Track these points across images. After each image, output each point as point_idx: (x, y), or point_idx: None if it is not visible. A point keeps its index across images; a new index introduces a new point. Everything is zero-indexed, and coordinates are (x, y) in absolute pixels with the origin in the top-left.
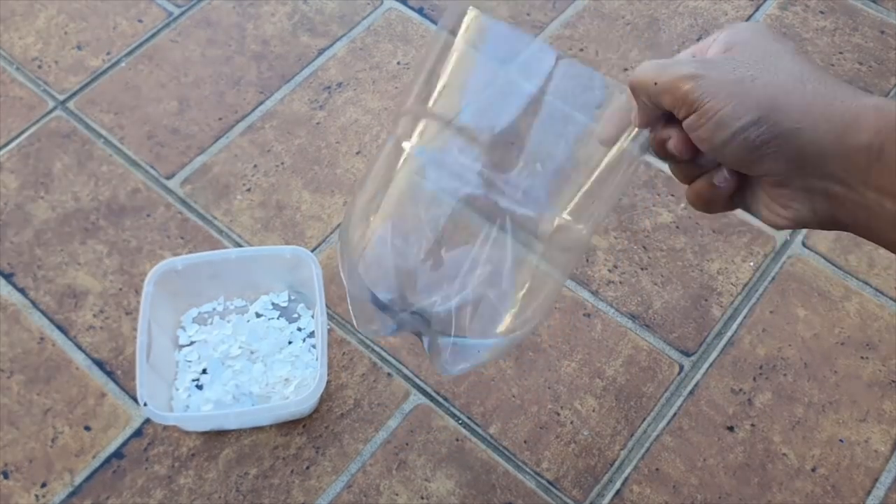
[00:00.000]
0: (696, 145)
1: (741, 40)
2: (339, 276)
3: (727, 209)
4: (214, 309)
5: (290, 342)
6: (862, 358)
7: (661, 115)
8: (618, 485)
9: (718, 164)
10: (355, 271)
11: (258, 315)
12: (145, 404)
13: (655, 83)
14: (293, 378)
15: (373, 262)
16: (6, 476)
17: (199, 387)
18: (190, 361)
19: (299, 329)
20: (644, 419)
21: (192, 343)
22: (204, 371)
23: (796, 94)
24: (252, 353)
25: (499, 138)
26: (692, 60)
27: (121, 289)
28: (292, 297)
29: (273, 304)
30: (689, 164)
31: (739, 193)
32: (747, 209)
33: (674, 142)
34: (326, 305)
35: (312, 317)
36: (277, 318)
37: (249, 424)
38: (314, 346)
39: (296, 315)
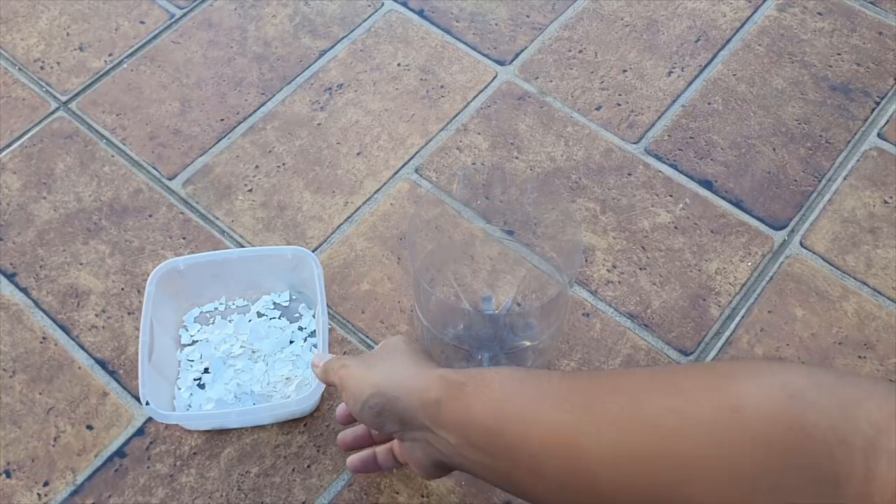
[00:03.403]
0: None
1: (383, 346)
2: (340, 276)
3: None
4: (216, 308)
5: (291, 342)
6: (860, 357)
7: None
8: None
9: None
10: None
11: (260, 315)
12: (147, 403)
13: (316, 365)
14: (294, 377)
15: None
16: (8, 475)
17: (202, 386)
18: (192, 361)
19: (300, 329)
20: None
21: (193, 342)
22: (206, 370)
23: (395, 376)
24: (253, 352)
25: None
26: (348, 357)
27: (123, 289)
28: (293, 297)
29: (275, 303)
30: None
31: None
32: (399, 466)
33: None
34: (328, 305)
35: (313, 316)
36: (279, 318)
37: (251, 423)
38: (315, 346)
39: (297, 315)
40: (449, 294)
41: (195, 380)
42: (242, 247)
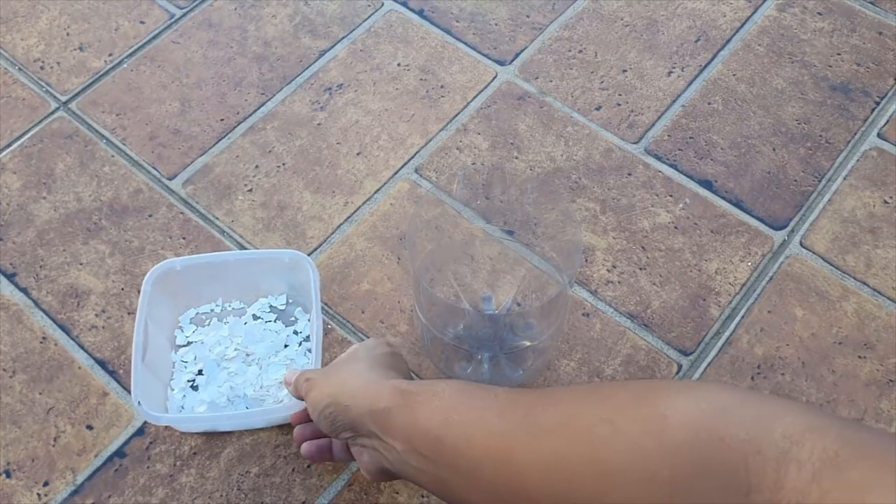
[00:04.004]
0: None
1: (347, 353)
2: (340, 276)
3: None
4: (212, 310)
5: (285, 345)
6: (859, 357)
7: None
8: None
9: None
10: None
11: (255, 317)
12: (139, 404)
13: (289, 383)
14: None
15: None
16: (8, 475)
17: (195, 388)
18: (186, 362)
19: (296, 332)
20: None
21: (188, 344)
22: (200, 372)
23: (349, 385)
24: (248, 355)
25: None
26: (312, 370)
27: (123, 289)
28: (290, 301)
29: (271, 306)
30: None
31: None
32: (352, 459)
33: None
34: (327, 305)
35: (309, 321)
36: (274, 321)
37: (242, 427)
38: (310, 351)
39: (293, 318)
40: (449, 294)
41: (188, 381)
42: (243, 247)
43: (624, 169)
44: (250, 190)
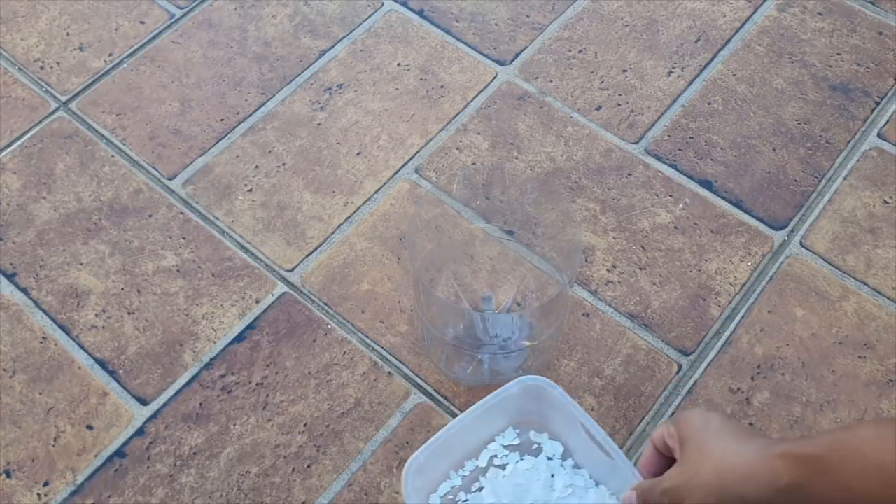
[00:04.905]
0: None
1: (689, 435)
2: (340, 276)
3: None
4: (452, 487)
5: (552, 475)
6: (860, 357)
7: None
8: None
9: None
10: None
11: (501, 467)
12: None
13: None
14: None
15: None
16: (8, 475)
17: None
18: None
19: (549, 458)
20: (643, 418)
21: None
22: None
23: (728, 471)
24: None
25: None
26: (666, 478)
27: (123, 289)
28: (517, 430)
29: (504, 447)
30: None
31: None
32: None
33: None
34: (328, 305)
35: (550, 439)
36: (522, 459)
37: None
38: (577, 466)
39: (535, 446)
40: (449, 294)
41: None
42: (243, 247)
43: (624, 169)
44: (250, 190)
